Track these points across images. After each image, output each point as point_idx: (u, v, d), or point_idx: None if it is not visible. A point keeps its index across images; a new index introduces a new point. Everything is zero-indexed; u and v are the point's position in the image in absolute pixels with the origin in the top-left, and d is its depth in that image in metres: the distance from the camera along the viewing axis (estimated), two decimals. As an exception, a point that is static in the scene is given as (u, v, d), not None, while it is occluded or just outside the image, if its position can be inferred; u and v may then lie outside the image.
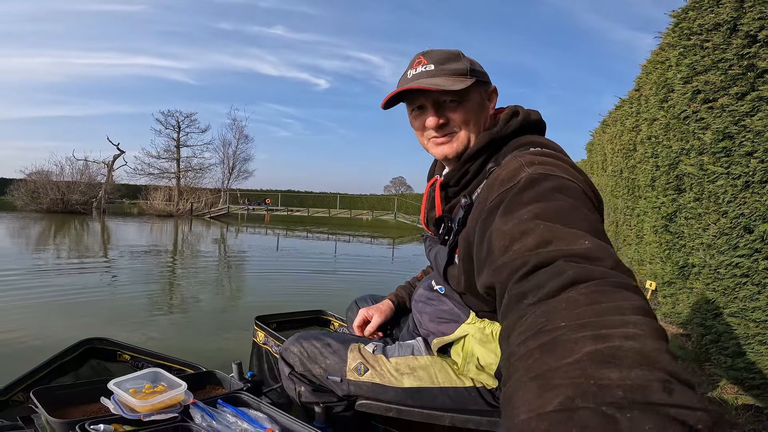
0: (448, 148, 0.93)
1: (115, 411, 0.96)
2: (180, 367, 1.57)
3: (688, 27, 2.42)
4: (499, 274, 0.59)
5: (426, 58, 0.92)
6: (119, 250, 8.87)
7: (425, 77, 0.89)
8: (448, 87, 0.86)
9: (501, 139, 0.90)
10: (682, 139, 2.62)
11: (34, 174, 24.91)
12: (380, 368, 1.05)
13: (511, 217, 0.64)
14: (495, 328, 0.95)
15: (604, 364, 0.37)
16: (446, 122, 0.91)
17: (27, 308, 3.84)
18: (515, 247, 0.59)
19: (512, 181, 0.72)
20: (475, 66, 0.93)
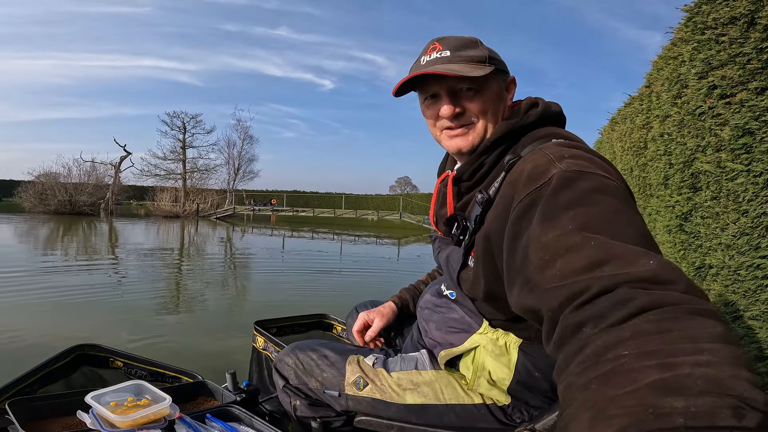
0: (462, 141, 0.86)
1: (92, 426, 0.89)
2: (174, 374, 1.51)
3: (701, 21, 2.36)
4: (548, 299, 0.52)
5: (441, 44, 0.86)
6: (126, 251, 8.88)
7: (441, 63, 0.83)
8: (466, 73, 0.80)
9: (519, 129, 0.83)
10: (697, 135, 2.53)
11: (42, 176, 25.17)
12: (381, 383, 0.97)
13: (551, 226, 0.57)
14: (509, 339, 0.88)
15: (668, 392, 0.33)
16: (462, 112, 0.84)
17: (31, 308, 3.82)
18: (561, 266, 0.52)
19: (542, 177, 0.65)
20: (494, 54, 0.87)
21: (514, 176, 0.74)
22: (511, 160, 0.78)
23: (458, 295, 0.93)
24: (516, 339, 0.87)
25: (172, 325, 3.62)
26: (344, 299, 4.35)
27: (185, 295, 4.90)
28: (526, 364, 0.86)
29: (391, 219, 25.76)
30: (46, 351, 1.55)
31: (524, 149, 0.80)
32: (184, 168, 30.17)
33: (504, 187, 0.76)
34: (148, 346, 2.97)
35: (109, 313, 3.83)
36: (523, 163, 0.74)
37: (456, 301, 0.94)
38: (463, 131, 0.85)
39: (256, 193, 34.08)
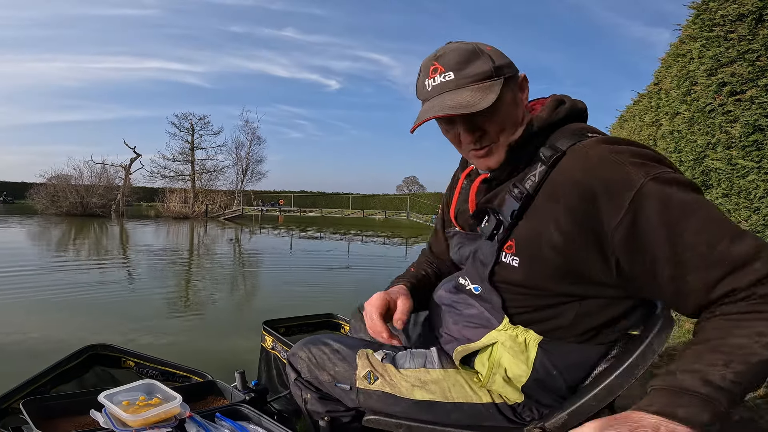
0: (490, 161, 0.86)
1: (105, 425, 0.91)
2: (184, 374, 1.53)
3: (709, 18, 2.34)
4: (731, 280, 0.64)
5: (441, 63, 0.82)
6: (137, 252, 8.99)
7: (448, 91, 0.81)
8: (476, 107, 0.77)
9: (550, 125, 0.84)
10: (707, 132, 2.51)
11: (54, 178, 25.52)
12: (390, 378, 0.97)
13: (682, 240, 0.67)
14: (529, 336, 0.86)
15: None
16: (482, 134, 0.83)
17: (43, 307, 3.88)
18: (710, 278, 0.66)
19: (630, 187, 0.70)
20: (498, 60, 0.83)
21: (570, 174, 0.76)
22: (554, 155, 0.79)
23: (484, 289, 0.90)
24: (536, 336, 0.85)
25: (182, 324, 3.67)
26: (353, 298, 4.37)
27: (195, 296, 4.95)
28: (545, 362, 0.85)
29: (399, 219, 25.75)
30: (59, 349, 1.58)
31: (559, 142, 0.81)
32: (193, 169, 30.45)
33: (554, 183, 0.78)
34: (159, 346, 3.01)
35: (120, 313, 3.88)
36: (577, 160, 0.76)
37: (479, 296, 0.92)
38: (487, 151, 0.85)
39: (264, 194, 34.27)
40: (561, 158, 0.79)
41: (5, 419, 1.22)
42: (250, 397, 1.32)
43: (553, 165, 0.79)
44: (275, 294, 5.21)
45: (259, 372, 1.89)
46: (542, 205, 0.79)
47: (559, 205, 0.76)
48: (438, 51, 0.85)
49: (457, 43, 0.85)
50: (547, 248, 0.77)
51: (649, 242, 0.69)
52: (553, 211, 0.77)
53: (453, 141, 0.89)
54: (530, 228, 0.80)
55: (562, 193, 0.76)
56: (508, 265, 0.84)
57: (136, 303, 4.37)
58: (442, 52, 0.84)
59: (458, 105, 0.78)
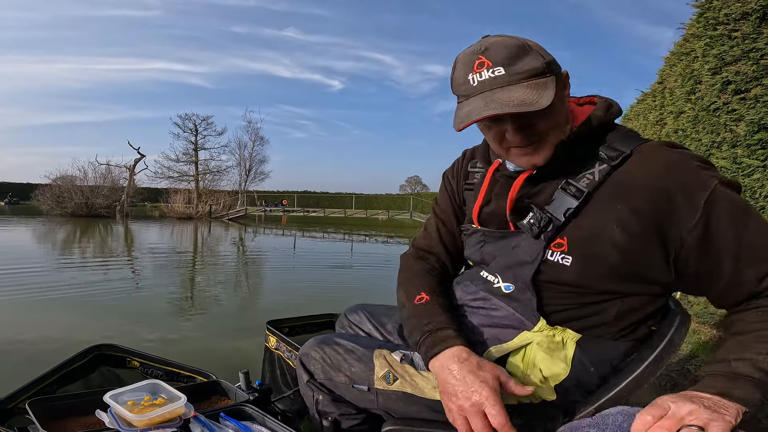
0: (536, 158, 0.83)
1: (110, 425, 0.92)
2: (189, 374, 1.54)
3: (713, 17, 2.34)
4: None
5: (488, 58, 0.78)
6: (142, 252, 9.03)
7: (499, 87, 0.77)
8: (537, 105, 0.74)
9: (606, 125, 0.85)
10: (712, 131, 2.50)
11: (59, 179, 25.66)
12: (410, 378, 0.93)
13: (747, 239, 0.74)
14: (567, 335, 0.84)
15: None
16: (532, 132, 0.81)
17: (49, 308, 3.91)
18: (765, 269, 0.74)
19: (705, 188, 0.74)
20: (547, 55, 0.81)
21: (643, 175, 0.77)
22: (620, 156, 0.80)
23: (518, 289, 0.86)
24: (574, 334, 0.84)
25: (187, 324, 3.68)
26: (356, 298, 4.37)
27: (199, 296, 4.97)
28: (583, 360, 0.84)
29: (402, 218, 25.75)
30: (64, 348, 1.59)
31: (618, 143, 0.82)
32: (197, 170, 30.57)
33: (621, 183, 0.78)
34: (164, 346, 3.02)
35: (125, 313, 3.90)
36: (649, 161, 0.78)
37: (510, 295, 0.87)
38: (534, 148, 0.82)
39: (267, 194, 34.36)
40: (627, 158, 0.79)
41: (11, 419, 1.22)
42: (254, 397, 1.32)
43: (619, 165, 0.79)
44: (279, 294, 5.23)
45: (263, 372, 1.89)
46: (603, 204, 0.79)
47: (624, 204, 0.76)
48: (480, 44, 0.80)
49: (501, 37, 0.80)
50: (607, 247, 0.77)
51: (719, 242, 0.73)
52: (617, 211, 0.77)
53: (494, 137, 0.85)
54: (588, 227, 0.79)
55: (631, 193, 0.76)
56: (557, 263, 0.82)
57: (140, 303, 4.40)
58: (486, 46, 0.79)
59: (518, 102, 0.75)
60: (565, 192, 0.82)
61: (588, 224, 0.79)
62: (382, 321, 1.24)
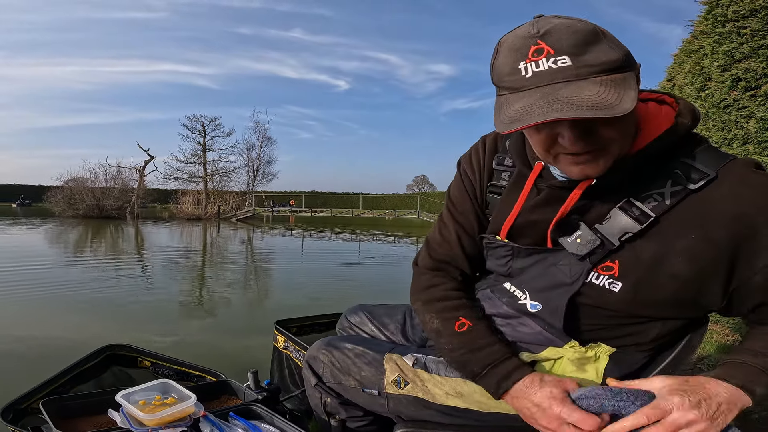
0: (591, 169, 0.68)
1: (122, 424, 0.93)
2: (199, 374, 1.55)
3: (722, 14, 2.32)
4: None
5: (550, 43, 0.62)
6: (152, 253, 9.14)
7: (564, 82, 0.61)
8: (619, 108, 0.59)
9: (690, 136, 0.72)
10: (723, 128, 2.48)
11: (70, 181, 26.05)
12: (422, 384, 0.91)
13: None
14: (600, 350, 0.79)
15: None
16: (594, 140, 0.66)
17: (62, 307, 3.97)
18: None
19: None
20: (623, 47, 0.65)
21: (729, 205, 0.66)
22: (703, 179, 0.67)
23: (547, 310, 0.78)
24: (608, 348, 0.78)
25: (197, 324, 3.72)
26: (363, 297, 4.38)
27: (209, 296, 5.01)
28: (614, 372, 0.79)
29: (410, 218, 25.72)
30: (74, 347, 1.61)
31: (698, 160, 0.69)
32: (205, 171, 30.84)
33: (700, 209, 0.67)
34: (174, 346, 3.05)
35: (136, 313, 3.95)
36: (738, 189, 0.66)
37: (536, 314, 0.80)
38: (591, 157, 0.67)
39: (274, 195, 34.55)
40: (711, 181, 0.67)
41: (25, 419, 1.24)
42: (263, 396, 1.33)
43: (698, 189, 0.67)
44: (287, 293, 5.26)
45: (271, 371, 1.91)
46: (670, 230, 0.68)
47: (700, 233, 0.67)
48: (538, 26, 0.64)
49: (566, 19, 0.64)
50: (666, 277, 0.69)
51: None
52: (686, 239, 0.67)
53: (542, 141, 0.69)
54: (649, 253, 0.69)
55: (711, 221, 0.66)
56: (603, 287, 0.72)
57: (151, 303, 4.45)
58: (547, 28, 0.62)
59: (594, 104, 0.59)
60: (625, 213, 0.70)
61: (649, 250, 0.69)
62: (384, 321, 1.23)
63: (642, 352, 0.80)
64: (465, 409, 0.88)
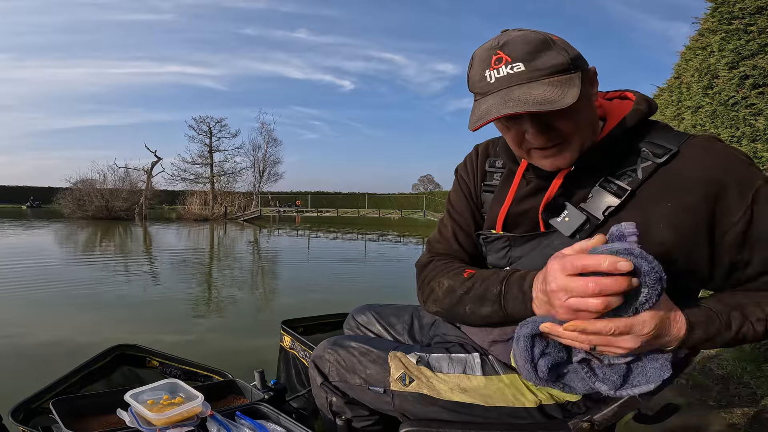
0: (560, 161, 0.78)
1: (131, 424, 0.95)
2: (206, 374, 1.57)
3: (728, 11, 2.31)
4: None
5: (507, 52, 0.73)
6: (161, 253, 9.21)
7: (517, 84, 0.72)
8: (559, 104, 0.69)
9: (646, 121, 0.82)
10: (731, 126, 2.45)
11: (80, 182, 26.28)
12: (427, 380, 0.93)
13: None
14: None
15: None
16: (555, 134, 0.76)
17: (71, 308, 4.02)
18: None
19: (751, 186, 0.73)
20: (571, 50, 0.75)
21: (696, 171, 0.74)
22: (667, 153, 0.76)
23: None
24: None
25: (204, 324, 3.75)
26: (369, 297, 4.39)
27: (216, 296, 5.05)
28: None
29: (415, 218, 25.70)
30: (86, 347, 1.63)
31: (661, 139, 0.78)
32: (212, 172, 31.02)
33: (671, 179, 0.75)
34: (182, 345, 3.08)
35: (144, 313, 3.99)
36: (701, 157, 0.75)
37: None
38: (557, 150, 0.77)
39: (281, 195, 34.71)
40: (675, 155, 0.76)
41: (36, 419, 1.25)
42: (269, 396, 1.35)
43: (665, 162, 0.76)
44: (293, 293, 5.28)
45: (278, 371, 1.92)
46: (649, 202, 0.75)
47: (676, 201, 0.74)
48: (499, 39, 0.76)
49: (522, 31, 0.76)
50: (652, 245, 0.72)
51: (759, 234, 0.73)
52: (664, 208, 0.74)
53: (513, 138, 0.80)
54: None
55: (684, 189, 0.73)
56: None
57: (159, 302, 4.49)
58: (505, 40, 0.74)
59: (539, 100, 0.69)
60: (605, 189, 0.78)
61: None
62: (391, 321, 1.23)
63: None
64: (470, 404, 0.90)
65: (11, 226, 16.22)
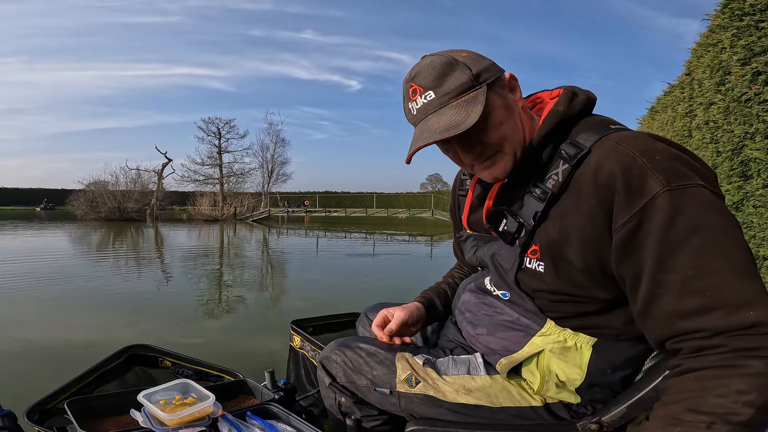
0: (497, 171, 0.82)
1: (144, 424, 0.96)
2: (217, 374, 1.59)
3: (738, 8, 2.27)
4: (661, 329, 0.65)
5: (418, 84, 0.78)
6: (172, 254, 9.31)
7: (432, 113, 0.77)
8: (464, 124, 0.72)
9: (569, 119, 0.80)
10: (744, 122, 2.41)
11: (92, 184, 26.59)
12: (433, 382, 0.94)
13: (667, 266, 0.63)
14: (580, 339, 0.81)
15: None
16: (483, 147, 0.79)
17: (85, 309, 4.08)
18: (675, 305, 0.63)
19: (644, 194, 0.65)
20: (475, 66, 0.77)
21: (593, 174, 0.71)
22: (578, 154, 0.74)
23: (513, 295, 0.86)
24: (588, 338, 0.81)
25: (215, 323, 3.78)
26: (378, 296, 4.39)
27: (227, 296, 5.09)
28: (599, 363, 0.81)
29: (424, 216, 25.66)
30: (100, 347, 1.65)
31: (581, 138, 0.76)
32: (221, 173, 31.26)
33: (579, 183, 0.73)
34: (194, 345, 3.11)
35: (157, 313, 4.04)
36: (601, 159, 0.71)
37: (510, 301, 0.87)
38: (491, 162, 0.81)
39: (289, 195, 34.90)
40: (586, 156, 0.74)
41: (51, 419, 1.26)
42: (280, 395, 1.36)
43: (578, 164, 0.74)
44: (302, 293, 5.30)
45: (288, 371, 1.93)
46: (567, 206, 0.75)
47: (583, 204, 0.72)
48: (413, 70, 0.80)
49: (431, 57, 0.80)
50: (573, 251, 0.74)
51: (641, 255, 0.66)
52: (578, 211, 0.73)
53: (453, 159, 0.85)
54: (555, 231, 0.76)
55: (586, 193, 0.72)
56: (534, 271, 0.80)
57: (171, 302, 4.54)
58: (416, 71, 0.79)
59: (445, 127, 0.74)
60: (532, 195, 0.79)
61: (554, 228, 0.76)
62: None
63: (626, 341, 0.81)
64: (475, 406, 0.90)
65: (26, 227, 16.50)
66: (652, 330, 0.67)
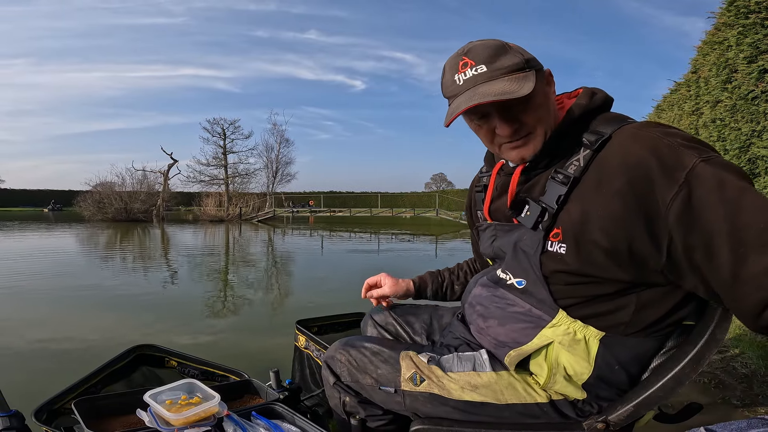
0: (525, 151, 0.87)
1: (150, 424, 0.96)
2: (223, 374, 1.59)
3: (744, 5, 2.26)
4: (759, 289, 0.64)
5: (471, 57, 0.83)
6: (178, 254, 9.36)
7: (482, 83, 0.81)
8: (517, 93, 0.78)
9: (590, 112, 0.86)
10: (752, 120, 2.40)
11: (99, 185, 26.81)
12: (438, 380, 0.94)
13: (741, 217, 0.65)
14: (589, 333, 0.83)
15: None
16: (520, 126, 0.84)
17: (92, 309, 4.12)
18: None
19: (682, 166, 0.70)
20: (526, 53, 0.85)
21: (622, 156, 0.76)
22: (600, 139, 0.80)
23: (530, 282, 0.87)
24: (597, 332, 0.83)
25: (220, 323, 3.80)
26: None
27: (232, 296, 5.11)
28: (607, 357, 0.83)
29: (428, 216, 25.63)
30: (107, 347, 1.67)
31: (601, 127, 0.82)
32: (226, 173, 31.40)
33: (602, 165, 0.78)
34: (199, 345, 3.13)
35: (163, 313, 4.07)
36: (626, 142, 0.77)
37: (522, 290, 0.89)
38: (523, 142, 0.86)
39: (294, 195, 34.99)
40: (607, 141, 0.80)
41: (58, 419, 1.26)
42: (284, 395, 1.36)
43: (599, 149, 0.80)
44: (307, 293, 5.32)
45: (293, 371, 1.94)
46: (589, 188, 0.79)
47: (608, 187, 0.76)
48: (464, 48, 0.86)
49: (482, 40, 0.86)
50: (596, 231, 0.77)
51: (706, 219, 0.67)
52: (601, 194, 0.77)
53: (485, 135, 0.89)
54: (577, 212, 0.80)
55: (612, 174, 0.76)
56: (555, 253, 0.82)
57: (177, 302, 4.57)
58: (469, 48, 0.84)
59: (500, 92, 0.78)
60: (555, 180, 0.83)
61: (576, 210, 0.80)
62: (409, 320, 1.24)
63: (633, 338, 0.82)
64: (481, 403, 0.91)
65: (35, 229, 16.65)
66: (749, 296, 0.66)
